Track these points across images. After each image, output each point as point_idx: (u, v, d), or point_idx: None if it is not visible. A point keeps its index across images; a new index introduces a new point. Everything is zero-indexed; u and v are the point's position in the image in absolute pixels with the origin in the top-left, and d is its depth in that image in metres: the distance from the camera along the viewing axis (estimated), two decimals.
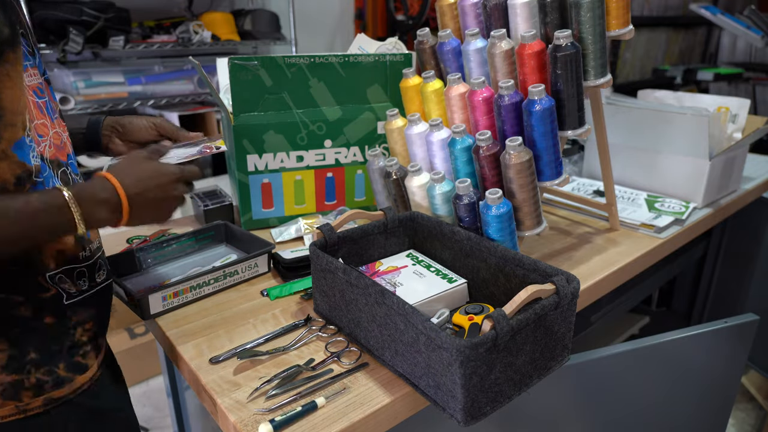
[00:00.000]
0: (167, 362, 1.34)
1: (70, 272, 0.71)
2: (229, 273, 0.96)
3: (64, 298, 0.69)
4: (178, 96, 2.42)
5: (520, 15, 0.91)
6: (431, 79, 1.03)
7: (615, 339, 1.74)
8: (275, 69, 1.10)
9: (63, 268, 0.70)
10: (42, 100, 0.69)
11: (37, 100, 0.68)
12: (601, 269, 1.03)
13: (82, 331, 0.73)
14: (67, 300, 0.70)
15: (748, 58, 4.06)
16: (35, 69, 0.70)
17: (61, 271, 0.69)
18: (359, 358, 0.77)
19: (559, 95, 0.89)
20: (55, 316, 0.69)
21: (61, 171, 0.71)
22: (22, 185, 0.63)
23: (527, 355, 0.68)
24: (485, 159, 0.89)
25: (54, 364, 0.69)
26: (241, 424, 0.65)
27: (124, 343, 2.13)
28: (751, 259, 1.70)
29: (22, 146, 0.63)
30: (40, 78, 0.70)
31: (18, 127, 0.62)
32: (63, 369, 0.70)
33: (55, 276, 0.69)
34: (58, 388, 0.70)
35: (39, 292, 0.67)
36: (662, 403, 1.07)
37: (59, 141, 0.72)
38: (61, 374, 0.70)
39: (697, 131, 1.25)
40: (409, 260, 0.91)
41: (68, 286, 0.70)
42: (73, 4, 2.01)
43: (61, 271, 0.69)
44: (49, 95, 0.72)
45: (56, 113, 0.73)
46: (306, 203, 1.23)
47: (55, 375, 0.70)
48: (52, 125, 0.71)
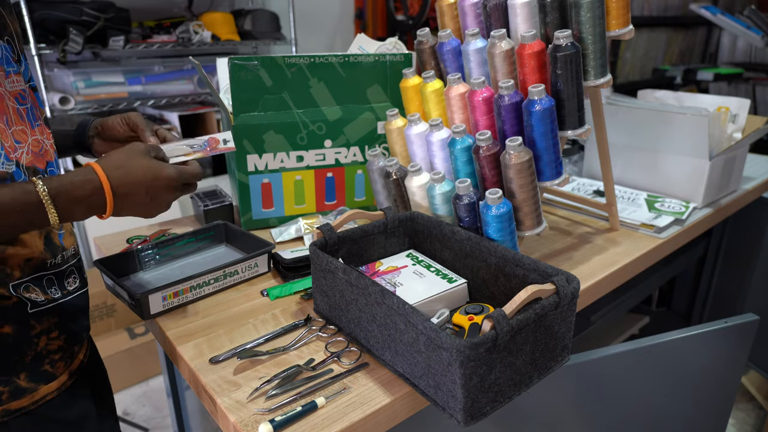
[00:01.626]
0: (167, 362, 1.34)
1: (38, 280, 0.69)
2: (229, 273, 0.96)
3: (28, 307, 0.67)
4: (178, 96, 2.42)
5: (520, 15, 0.91)
6: (431, 79, 1.03)
7: (615, 339, 1.74)
8: (275, 69, 1.10)
9: (30, 277, 0.68)
10: (23, 106, 0.68)
11: (17, 107, 0.67)
12: (601, 269, 1.03)
13: (47, 339, 0.70)
14: (31, 308, 0.68)
15: (748, 58, 4.06)
16: (19, 76, 0.69)
17: (27, 279, 0.67)
18: (359, 358, 0.77)
19: (559, 95, 0.89)
20: (16, 325, 0.67)
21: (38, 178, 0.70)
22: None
23: (527, 355, 0.68)
24: (485, 159, 0.89)
25: (14, 374, 0.67)
26: (241, 424, 0.65)
27: (124, 343, 2.13)
28: (751, 259, 1.70)
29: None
30: (24, 85, 0.69)
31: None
32: (24, 379, 0.68)
33: (19, 285, 0.67)
34: (17, 398, 0.68)
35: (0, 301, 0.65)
36: (662, 403, 1.07)
37: (38, 148, 0.71)
38: (22, 384, 0.68)
39: (697, 131, 1.25)
40: (409, 260, 0.91)
41: (36, 295, 0.68)
42: (73, 4, 2.01)
43: (28, 279, 0.67)
44: (33, 102, 0.71)
45: (39, 120, 0.72)
46: (306, 203, 1.23)
47: (14, 385, 0.68)
48: (32, 132, 0.70)
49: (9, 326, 0.67)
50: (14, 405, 0.68)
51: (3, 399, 0.67)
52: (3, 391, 0.67)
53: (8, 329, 0.67)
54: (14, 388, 0.68)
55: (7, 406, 0.67)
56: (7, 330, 0.66)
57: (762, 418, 1.86)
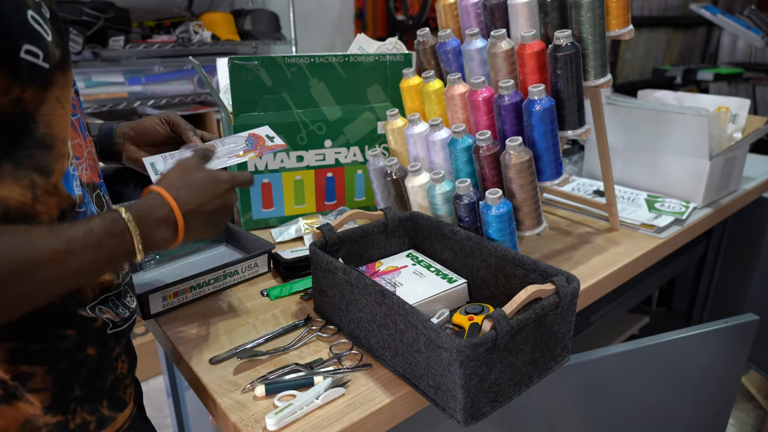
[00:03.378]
0: (167, 362, 1.34)
1: (106, 301, 0.64)
2: (229, 273, 0.96)
3: (108, 328, 0.63)
4: (178, 96, 2.42)
5: (520, 15, 0.91)
6: (431, 79, 1.03)
7: (615, 339, 1.74)
8: (275, 69, 1.10)
9: (100, 298, 0.63)
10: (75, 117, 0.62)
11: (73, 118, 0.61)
12: (601, 269, 1.03)
13: (121, 363, 0.66)
14: (111, 329, 0.63)
15: (748, 58, 4.06)
16: None
17: (99, 301, 0.63)
18: (360, 360, 0.77)
19: (559, 95, 0.89)
20: (98, 347, 0.62)
21: (96, 194, 0.64)
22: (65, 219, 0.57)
23: (527, 355, 0.68)
24: (485, 159, 0.89)
25: (98, 401, 0.63)
26: (241, 424, 0.65)
27: None
28: (751, 259, 1.70)
29: (68, 177, 0.57)
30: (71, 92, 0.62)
31: (65, 157, 0.56)
32: (106, 407, 0.64)
33: (95, 307, 0.62)
34: (102, 428, 0.63)
35: (85, 324, 0.60)
36: (662, 403, 1.07)
37: (92, 160, 0.66)
38: (105, 413, 0.63)
39: (697, 131, 1.25)
40: (409, 260, 0.91)
41: (111, 316, 0.64)
42: (73, 4, 2.01)
43: (99, 301, 0.63)
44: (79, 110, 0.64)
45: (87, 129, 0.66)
46: (306, 203, 1.23)
47: (99, 414, 0.63)
48: (86, 144, 0.64)
49: (93, 348, 0.61)
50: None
51: (90, 429, 0.62)
52: (92, 420, 0.62)
53: (92, 351, 0.61)
54: (99, 416, 0.63)
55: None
56: (91, 352, 0.61)
57: (762, 418, 1.86)
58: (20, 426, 0.57)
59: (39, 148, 0.53)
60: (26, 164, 0.52)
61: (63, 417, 0.59)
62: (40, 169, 0.53)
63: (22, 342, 0.56)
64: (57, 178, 0.55)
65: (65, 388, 0.59)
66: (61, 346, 0.58)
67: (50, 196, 0.55)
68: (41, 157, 0.53)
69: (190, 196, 0.63)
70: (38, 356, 0.57)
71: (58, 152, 0.55)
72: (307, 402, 0.67)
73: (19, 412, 0.57)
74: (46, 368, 0.57)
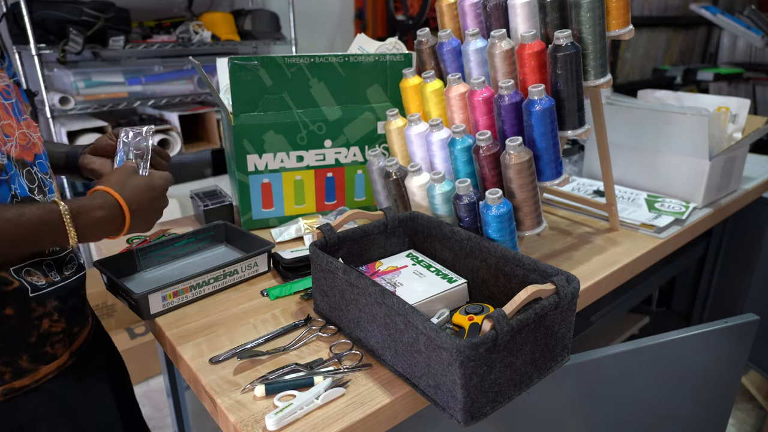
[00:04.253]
0: (167, 362, 1.34)
1: (38, 265, 0.72)
2: (229, 272, 0.96)
3: (29, 291, 0.70)
4: (178, 96, 2.42)
5: (520, 15, 0.91)
6: (431, 79, 1.03)
7: (615, 339, 1.74)
8: (275, 69, 1.10)
9: (29, 262, 0.71)
10: (8, 101, 0.72)
11: (3, 102, 0.70)
12: (601, 269, 1.03)
13: (49, 322, 0.73)
14: (32, 292, 0.70)
15: (748, 58, 4.06)
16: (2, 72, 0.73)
17: (27, 264, 0.71)
18: (360, 360, 0.77)
19: (559, 95, 0.89)
20: (18, 307, 0.70)
21: (26, 170, 0.72)
22: None
23: (527, 355, 0.68)
24: (485, 159, 0.89)
25: (16, 355, 0.70)
26: (241, 424, 0.65)
27: (124, 343, 2.13)
28: (751, 259, 1.70)
29: None
30: (8, 80, 0.73)
31: None
32: (26, 360, 0.71)
33: (21, 269, 0.70)
34: (19, 378, 0.71)
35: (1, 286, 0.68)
36: (662, 403, 1.07)
37: (26, 142, 0.74)
38: (23, 365, 0.71)
39: (697, 131, 1.25)
40: (409, 260, 0.91)
41: (37, 278, 0.71)
42: (73, 4, 2.01)
43: (28, 264, 0.71)
44: (18, 97, 0.75)
45: (25, 114, 0.75)
46: (306, 203, 1.23)
47: (16, 366, 0.71)
48: (18, 126, 0.73)
49: (11, 308, 0.69)
50: (17, 384, 0.71)
51: (5, 378, 0.70)
52: (5, 371, 0.70)
53: (10, 311, 0.69)
54: (17, 368, 0.71)
55: (10, 385, 0.70)
56: (9, 312, 0.69)
57: (762, 418, 1.86)
58: None
59: None
60: None
61: None
62: None
63: None
64: None
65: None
66: None
67: None
68: None
69: (133, 197, 0.75)
70: None
71: None
72: (307, 402, 0.67)
73: None
74: None
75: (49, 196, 0.76)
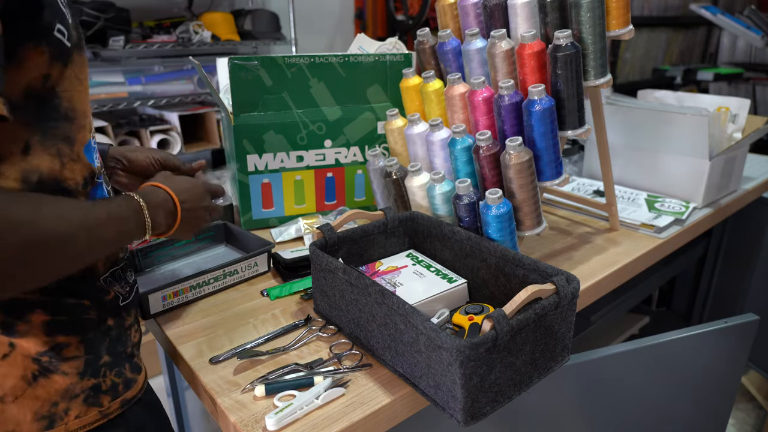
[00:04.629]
0: (167, 362, 1.34)
1: (114, 275, 0.70)
2: (229, 272, 0.96)
3: (120, 300, 0.70)
4: (178, 96, 2.41)
5: (520, 15, 0.91)
6: (431, 79, 1.03)
7: (615, 339, 1.74)
8: (275, 69, 1.10)
9: (110, 271, 0.69)
10: None
11: None
12: (601, 269, 1.03)
13: (134, 332, 0.73)
14: (122, 302, 0.70)
15: (748, 58, 4.06)
16: None
17: (108, 274, 0.69)
18: (360, 360, 0.77)
19: (559, 95, 0.89)
20: (116, 318, 0.69)
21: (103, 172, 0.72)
22: (86, 187, 0.64)
23: (527, 355, 0.68)
24: (485, 159, 0.89)
25: (122, 365, 0.70)
26: (241, 424, 0.65)
27: None
28: (751, 259, 1.70)
29: (89, 148, 0.65)
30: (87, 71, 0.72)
31: (86, 129, 0.64)
32: (128, 370, 0.71)
33: (106, 279, 0.68)
34: (129, 389, 0.70)
35: (101, 295, 0.67)
36: (662, 403, 1.07)
37: None
38: (128, 375, 0.70)
39: (697, 131, 1.25)
40: (409, 260, 0.91)
41: (118, 288, 0.70)
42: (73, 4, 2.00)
43: (109, 274, 0.69)
44: None
45: None
46: (306, 203, 1.23)
47: (124, 377, 0.70)
48: None
49: (111, 319, 0.68)
50: (129, 395, 0.70)
51: (119, 390, 0.69)
52: (118, 382, 0.69)
53: (111, 322, 0.68)
54: (125, 379, 0.70)
55: (125, 396, 0.69)
56: (110, 323, 0.68)
57: (762, 418, 1.86)
58: (61, 394, 0.63)
59: (63, 120, 0.60)
60: (52, 135, 0.59)
61: (96, 380, 0.66)
62: (65, 139, 0.60)
63: (53, 315, 0.62)
64: (79, 147, 0.63)
65: (95, 355, 0.66)
66: (86, 317, 0.65)
67: (75, 164, 0.62)
68: (65, 128, 0.60)
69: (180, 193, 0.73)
70: (70, 327, 0.63)
71: (78, 124, 0.62)
72: (307, 402, 0.67)
73: (57, 384, 0.63)
74: (79, 337, 0.64)
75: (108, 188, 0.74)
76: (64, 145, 0.60)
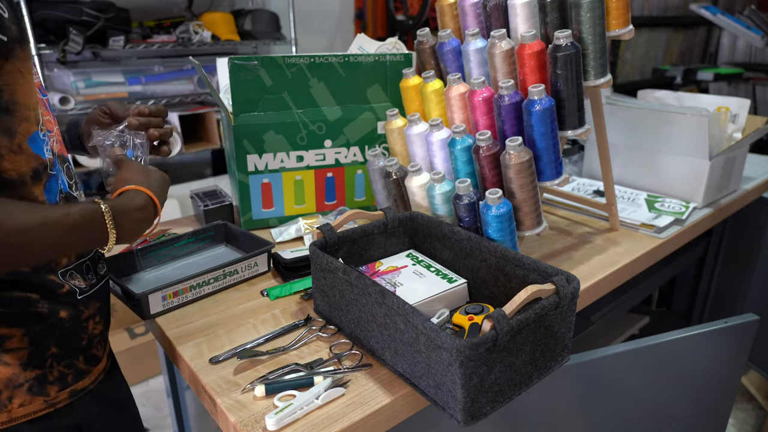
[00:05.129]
0: (167, 362, 1.34)
1: (79, 267, 0.72)
2: (229, 272, 0.96)
3: (77, 293, 0.71)
4: (178, 96, 2.42)
5: (520, 15, 0.91)
6: (431, 79, 1.03)
7: (615, 339, 1.74)
8: (275, 69, 1.10)
9: (74, 264, 0.71)
10: (45, 97, 0.71)
11: (42, 97, 0.70)
12: (601, 269, 1.03)
13: (93, 324, 0.74)
14: (79, 295, 0.71)
15: (748, 58, 4.05)
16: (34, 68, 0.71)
17: (72, 267, 0.71)
18: (361, 360, 0.77)
19: (559, 95, 0.89)
20: (70, 310, 0.70)
21: (66, 165, 0.73)
22: (39, 179, 0.65)
23: (527, 355, 0.68)
24: (485, 159, 0.89)
25: (74, 357, 0.71)
26: (241, 424, 0.65)
27: (124, 343, 2.13)
28: (751, 259, 1.70)
29: (35, 139, 0.65)
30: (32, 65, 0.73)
31: (31, 122, 0.64)
32: (82, 362, 0.72)
33: (66, 272, 0.70)
34: (81, 380, 0.72)
35: (54, 289, 0.68)
36: (662, 403, 1.07)
37: (61, 138, 0.75)
38: (81, 367, 0.72)
39: (697, 131, 1.25)
40: (409, 260, 0.91)
41: (78, 282, 0.71)
42: (73, 4, 2.01)
43: (72, 267, 0.71)
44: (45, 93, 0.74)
45: None
46: (306, 203, 1.23)
47: (75, 368, 0.71)
48: (54, 122, 0.74)
49: (65, 312, 0.69)
50: (79, 385, 0.72)
51: (69, 380, 0.70)
52: (68, 373, 0.70)
53: (64, 314, 0.69)
54: (76, 370, 0.71)
55: (74, 387, 0.71)
56: (63, 315, 0.69)
57: (762, 418, 1.86)
58: (4, 383, 0.65)
59: (2, 113, 0.60)
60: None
61: (41, 371, 0.67)
62: (5, 131, 0.61)
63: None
64: (21, 139, 0.63)
65: (41, 347, 0.67)
66: (32, 310, 0.66)
67: (16, 155, 0.62)
68: (4, 120, 0.61)
69: (161, 195, 0.74)
70: (12, 320, 0.64)
71: (20, 116, 0.62)
72: (307, 402, 0.67)
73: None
74: (23, 330, 0.65)
75: (79, 191, 0.76)
76: (3, 137, 0.60)
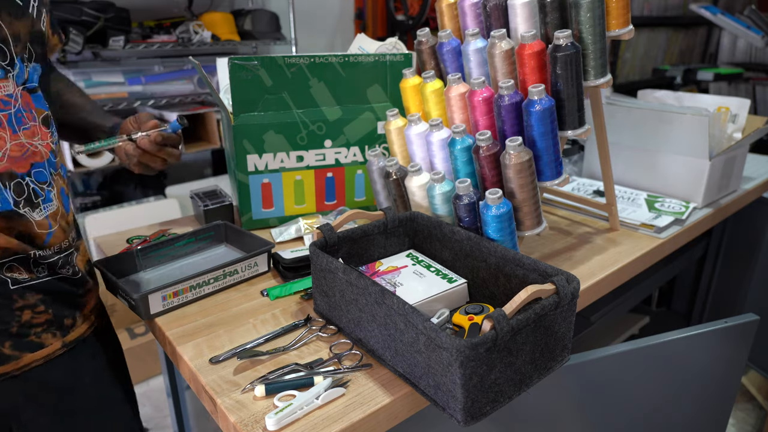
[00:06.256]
0: (167, 362, 1.34)
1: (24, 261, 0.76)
2: (229, 272, 0.96)
3: (9, 284, 0.75)
4: (178, 96, 2.42)
5: (520, 15, 0.91)
6: (431, 79, 1.03)
7: (615, 339, 1.74)
8: (275, 69, 1.10)
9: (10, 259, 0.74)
10: (4, 112, 0.71)
11: None
12: (601, 269, 1.03)
13: (32, 313, 0.77)
14: (12, 285, 0.75)
15: (748, 58, 4.05)
16: (6, 81, 0.71)
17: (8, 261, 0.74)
18: (361, 360, 0.77)
19: (559, 95, 0.89)
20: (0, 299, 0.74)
21: (14, 182, 0.73)
22: None
23: (527, 355, 0.68)
24: (485, 159, 0.89)
25: None
26: (241, 424, 0.65)
27: (124, 343, 2.13)
28: (751, 259, 1.70)
29: None
30: (13, 89, 0.72)
31: None
32: (8, 347, 0.76)
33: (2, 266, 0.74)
34: (2, 364, 0.76)
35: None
36: (662, 403, 1.07)
37: (21, 152, 0.74)
38: (6, 352, 0.76)
39: (697, 131, 1.25)
40: (409, 260, 0.91)
41: (19, 274, 0.75)
42: (73, 4, 2.01)
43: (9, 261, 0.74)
44: (24, 105, 0.74)
45: (30, 123, 0.75)
46: (306, 203, 1.23)
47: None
48: (14, 137, 0.73)
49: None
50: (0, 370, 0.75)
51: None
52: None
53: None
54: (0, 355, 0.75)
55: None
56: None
57: (762, 418, 1.86)
58: None
59: None
60: None
61: None
62: None
63: None
64: None
65: None
66: None
67: None
68: None
69: None
70: None
71: None
72: (307, 402, 0.67)
73: None
74: None
75: (43, 206, 0.77)
76: None
